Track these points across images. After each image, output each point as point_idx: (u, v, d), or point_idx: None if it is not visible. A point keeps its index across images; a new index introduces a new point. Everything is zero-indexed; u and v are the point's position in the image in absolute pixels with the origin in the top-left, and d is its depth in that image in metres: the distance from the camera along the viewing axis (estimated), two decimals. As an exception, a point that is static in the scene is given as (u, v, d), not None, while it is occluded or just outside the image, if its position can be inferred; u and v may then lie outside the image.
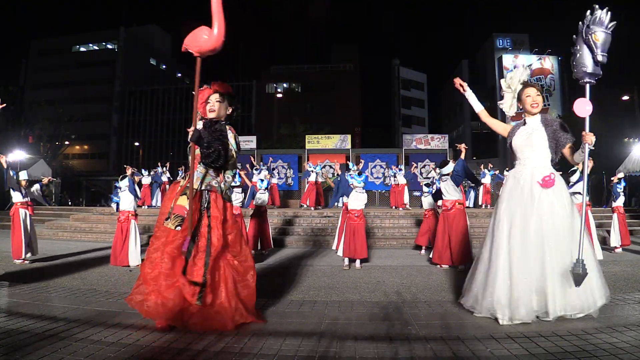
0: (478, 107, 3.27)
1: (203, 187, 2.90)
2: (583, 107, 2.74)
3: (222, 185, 2.98)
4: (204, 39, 2.72)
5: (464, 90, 3.28)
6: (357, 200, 5.51)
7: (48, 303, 3.32)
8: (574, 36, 2.84)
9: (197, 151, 2.92)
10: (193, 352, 2.27)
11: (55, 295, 3.62)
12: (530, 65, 36.60)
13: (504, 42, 41.05)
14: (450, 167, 5.59)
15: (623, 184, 7.24)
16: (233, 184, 6.02)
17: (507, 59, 38.49)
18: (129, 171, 6.52)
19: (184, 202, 2.82)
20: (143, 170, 13.80)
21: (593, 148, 2.76)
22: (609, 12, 2.65)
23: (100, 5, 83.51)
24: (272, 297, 3.71)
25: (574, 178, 5.85)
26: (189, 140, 2.83)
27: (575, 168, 5.94)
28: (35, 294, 3.64)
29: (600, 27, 2.65)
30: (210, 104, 3.08)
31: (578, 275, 2.58)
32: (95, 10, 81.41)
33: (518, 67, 3.20)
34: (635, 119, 21.62)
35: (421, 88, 48.91)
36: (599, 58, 2.66)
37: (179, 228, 2.76)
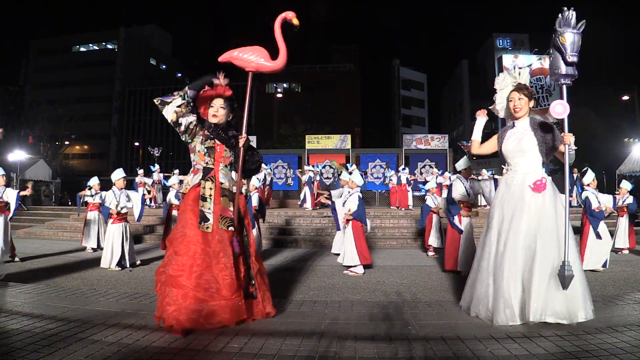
0: (477, 135, 3.25)
1: (234, 190, 3.02)
2: (560, 109, 2.69)
3: (244, 189, 3.18)
4: (267, 61, 3.02)
5: (480, 114, 3.26)
6: (348, 201, 5.17)
7: (48, 303, 3.32)
8: (551, 50, 2.88)
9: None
10: (193, 352, 2.27)
11: (55, 295, 3.62)
12: (530, 65, 36.59)
13: (504, 42, 41.04)
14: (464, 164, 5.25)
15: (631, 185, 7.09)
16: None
17: (507, 59, 38.46)
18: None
19: (226, 204, 2.92)
20: (138, 169, 13.57)
21: (576, 147, 2.76)
22: (574, 12, 2.68)
23: (100, 5, 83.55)
24: (272, 297, 3.71)
25: (586, 179, 5.68)
26: (241, 146, 2.97)
27: (586, 168, 5.89)
28: (35, 294, 3.64)
29: (567, 27, 2.67)
30: (214, 108, 3.05)
31: (563, 278, 2.54)
32: (95, 10, 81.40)
33: (511, 71, 3.18)
34: (635, 119, 21.63)
35: (421, 88, 48.89)
36: (569, 59, 2.67)
37: (231, 229, 2.86)
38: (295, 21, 2.99)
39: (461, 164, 5.26)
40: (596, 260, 5.15)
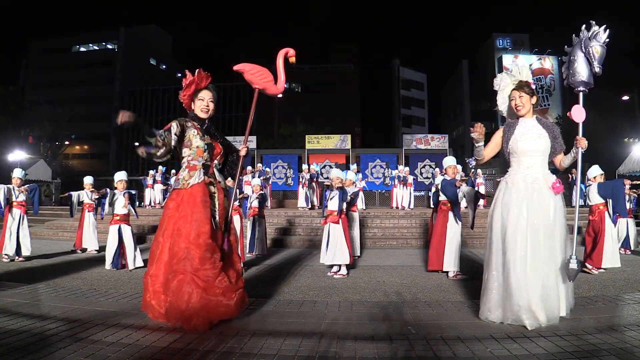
0: (480, 154, 3.10)
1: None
2: (579, 114, 2.86)
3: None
4: (272, 85, 3.31)
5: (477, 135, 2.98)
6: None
7: (48, 303, 3.32)
8: (566, 47, 3.03)
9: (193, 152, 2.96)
10: (193, 352, 2.27)
11: (55, 295, 3.62)
12: (531, 65, 36.65)
13: (504, 42, 41.08)
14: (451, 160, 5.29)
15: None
16: None
17: (507, 59, 38.50)
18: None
19: (227, 204, 3.06)
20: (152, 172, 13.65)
21: (584, 150, 2.90)
22: (607, 30, 2.87)
23: (100, 5, 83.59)
24: (272, 297, 3.71)
25: (591, 173, 5.55)
26: (242, 155, 3.16)
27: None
28: (35, 294, 3.64)
29: (598, 42, 2.86)
30: (204, 102, 2.99)
31: (573, 270, 2.69)
32: (95, 10, 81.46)
33: (510, 70, 3.19)
34: (635, 119, 21.65)
35: (421, 88, 48.91)
36: (597, 70, 2.86)
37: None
38: (293, 59, 3.35)
39: (446, 162, 5.21)
40: (614, 258, 5.09)
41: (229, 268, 2.88)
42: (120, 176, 5.84)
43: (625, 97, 22.82)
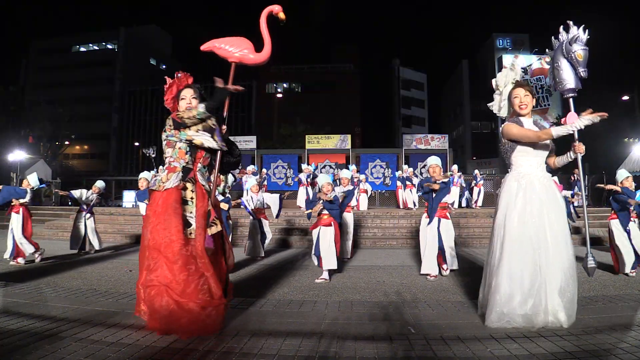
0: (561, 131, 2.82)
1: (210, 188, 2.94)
2: (574, 121, 2.87)
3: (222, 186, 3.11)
4: (250, 53, 2.96)
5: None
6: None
7: (48, 303, 3.32)
8: (547, 50, 3.07)
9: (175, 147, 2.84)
10: (193, 352, 2.27)
11: (55, 295, 3.62)
12: (531, 65, 36.63)
13: (504, 42, 41.07)
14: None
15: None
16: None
17: (507, 59, 38.41)
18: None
19: (211, 206, 2.84)
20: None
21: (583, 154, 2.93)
22: (586, 30, 2.87)
23: (100, 5, 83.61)
24: (272, 297, 3.71)
25: (619, 177, 5.10)
26: (220, 145, 2.82)
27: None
28: (35, 294, 3.64)
29: (580, 45, 2.86)
30: (186, 100, 2.89)
31: (592, 268, 2.78)
32: (95, 10, 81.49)
33: (507, 67, 3.18)
34: (635, 119, 21.65)
35: (421, 88, 48.89)
36: (582, 75, 2.87)
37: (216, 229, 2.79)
38: (282, 15, 2.97)
39: (429, 161, 5.03)
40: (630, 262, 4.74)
41: (212, 277, 2.66)
42: (145, 175, 6.33)
43: (625, 97, 22.82)
